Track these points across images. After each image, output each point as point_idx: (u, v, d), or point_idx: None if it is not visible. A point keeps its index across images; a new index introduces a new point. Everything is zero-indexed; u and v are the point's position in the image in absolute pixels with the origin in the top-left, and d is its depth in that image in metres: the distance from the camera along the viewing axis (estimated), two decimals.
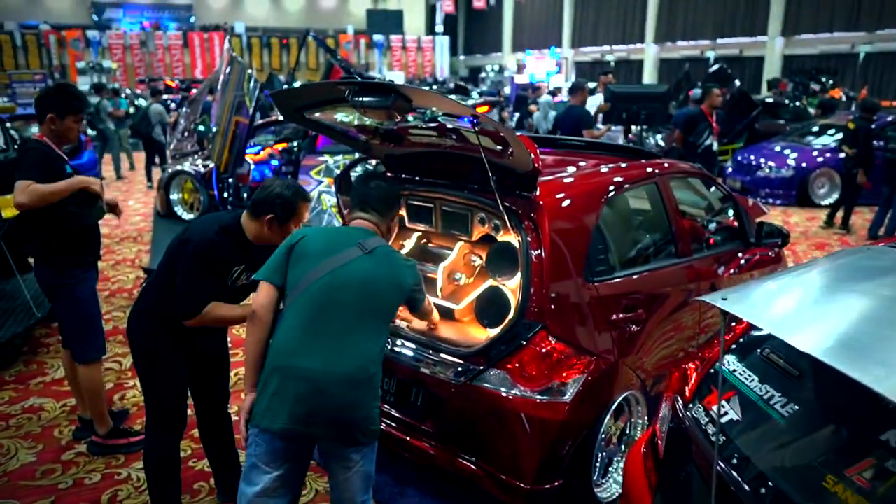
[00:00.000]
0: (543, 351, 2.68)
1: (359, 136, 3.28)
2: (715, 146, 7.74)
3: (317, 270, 2.21)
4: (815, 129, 11.40)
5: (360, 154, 3.97)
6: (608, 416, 2.88)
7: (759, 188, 10.50)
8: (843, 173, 9.41)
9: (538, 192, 2.83)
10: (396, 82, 2.68)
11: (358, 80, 2.94)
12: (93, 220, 3.32)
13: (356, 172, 6.28)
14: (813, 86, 17.23)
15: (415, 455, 2.96)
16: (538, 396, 2.64)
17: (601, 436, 2.88)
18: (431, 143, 3.06)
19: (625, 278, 3.10)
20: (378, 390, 2.22)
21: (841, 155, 9.78)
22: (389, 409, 2.99)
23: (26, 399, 4.05)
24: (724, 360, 1.77)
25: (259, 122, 8.17)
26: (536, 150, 2.62)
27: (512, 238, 2.91)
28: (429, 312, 2.81)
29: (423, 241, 3.54)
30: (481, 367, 2.72)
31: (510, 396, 2.64)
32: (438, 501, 3.11)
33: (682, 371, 2.16)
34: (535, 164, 2.63)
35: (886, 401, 1.09)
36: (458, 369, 2.78)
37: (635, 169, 3.47)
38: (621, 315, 2.99)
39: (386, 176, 2.58)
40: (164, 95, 15.45)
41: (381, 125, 3.08)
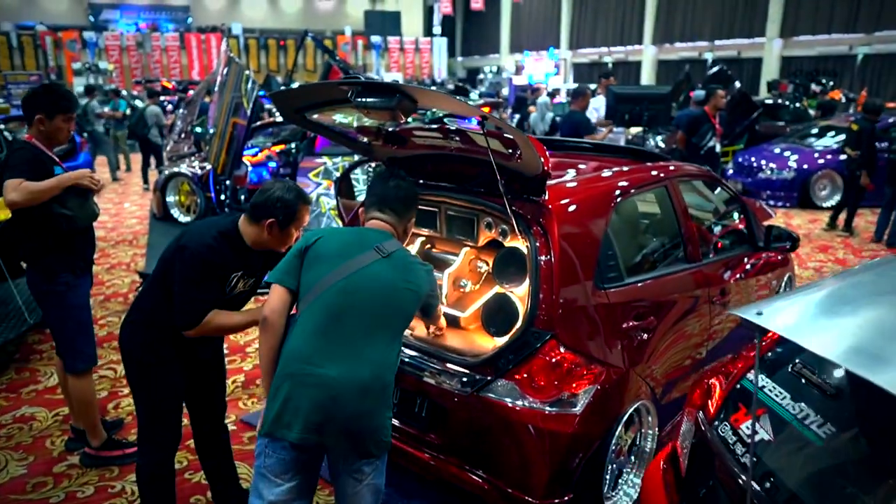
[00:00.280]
0: (553, 361, 2.59)
1: (360, 137, 3.19)
2: (718, 148, 7.67)
3: (333, 275, 2.13)
4: (815, 130, 11.35)
5: (360, 156, 3.87)
6: (619, 428, 2.79)
7: (761, 190, 10.44)
8: (845, 175, 9.35)
9: (547, 196, 2.74)
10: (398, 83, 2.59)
11: (361, 79, 2.83)
12: (84, 221, 3.19)
13: (356, 175, 6.22)
14: (813, 87, 17.19)
15: (419, 467, 2.87)
16: (548, 408, 2.55)
17: (612, 447, 2.79)
18: (436, 145, 2.97)
19: (636, 284, 3.01)
20: (391, 400, 2.14)
21: (842, 157, 9.74)
22: (393, 420, 2.89)
23: (18, 408, 3.94)
24: (758, 379, 1.66)
25: (256, 123, 8.08)
26: (546, 152, 2.53)
27: (520, 243, 2.82)
28: (438, 317, 2.75)
29: (428, 246, 3.44)
30: (489, 378, 2.62)
31: (518, 408, 2.55)
32: None
33: (705, 386, 2.07)
34: (545, 167, 2.54)
35: None
36: (465, 379, 2.69)
37: (645, 172, 3.38)
38: (632, 322, 2.90)
39: (405, 175, 2.47)
40: (161, 97, 15.34)
41: (383, 126, 2.99)
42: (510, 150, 2.58)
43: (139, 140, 11.54)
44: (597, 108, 9.12)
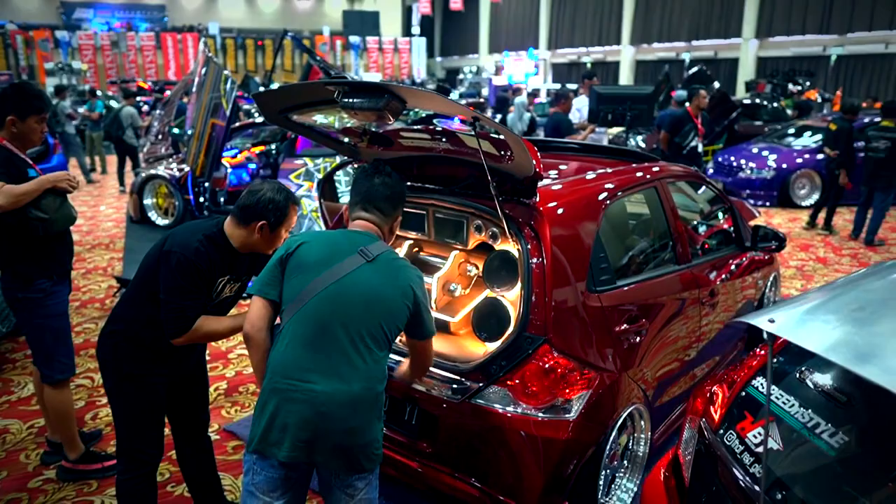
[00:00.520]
0: (546, 366, 2.53)
1: (345, 139, 3.11)
2: (700, 148, 7.71)
3: (316, 283, 2.03)
4: (792, 130, 11.48)
5: (343, 158, 3.79)
6: (614, 433, 2.75)
7: (741, 189, 10.53)
8: (824, 174, 9.47)
9: (538, 198, 2.68)
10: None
11: (348, 79, 2.75)
12: (62, 225, 3.05)
13: (339, 178, 6.13)
14: (791, 87, 17.42)
15: (409, 476, 2.80)
16: (541, 414, 2.50)
17: (606, 453, 2.74)
18: (423, 146, 2.91)
19: (628, 287, 2.97)
20: (381, 411, 2.07)
21: (819, 156, 9.85)
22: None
23: None
24: (770, 388, 1.61)
25: (236, 124, 7.95)
26: (538, 153, 2.47)
27: (510, 247, 2.77)
28: (426, 359, 2.33)
29: (416, 249, 3.37)
30: (481, 384, 2.57)
31: (511, 415, 2.50)
32: None
33: (707, 393, 2.02)
34: (537, 169, 2.48)
35: None
36: (455, 386, 2.63)
37: (635, 172, 3.35)
38: (625, 325, 2.86)
39: (391, 171, 2.35)
40: (137, 97, 15.06)
41: (369, 127, 2.92)
42: (501, 152, 2.52)
43: (114, 142, 11.32)
44: (579, 108, 9.13)
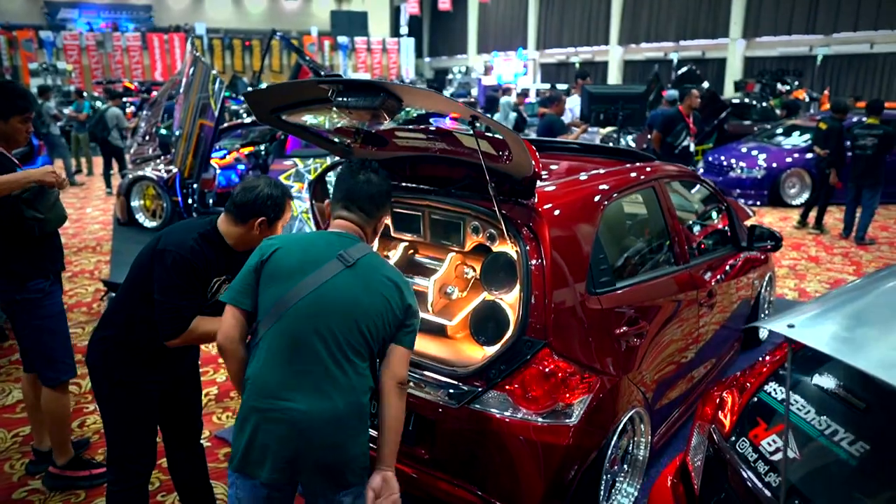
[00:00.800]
0: (547, 370, 2.48)
1: (338, 139, 3.05)
2: (692, 147, 7.71)
3: (292, 294, 1.91)
4: (781, 130, 11.53)
5: (334, 158, 3.72)
6: (615, 437, 2.70)
7: (732, 188, 10.55)
8: (814, 173, 9.49)
9: (536, 199, 2.63)
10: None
11: (343, 77, 2.68)
12: (55, 224, 3.03)
13: (331, 178, 6.06)
14: (780, 87, 17.52)
15: (406, 483, 2.73)
16: (542, 420, 2.44)
17: (608, 458, 2.70)
18: (419, 146, 2.85)
19: (628, 288, 2.93)
20: (368, 422, 1.98)
21: (808, 155, 9.88)
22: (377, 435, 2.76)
23: None
24: (789, 394, 1.55)
25: (224, 125, 7.85)
26: (536, 153, 2.42)
27: (509, 248, 2.71)
28: (401, 370, 2.02)
29: (411, 251, 3.31)
30: (479, 389, 2.51)
31: (511, 420, 2.44)
32: None
33: (716, 399, 1.97)
34: (536, 169, 2.43)
35: None
36: (452, 391, 2.57)
37: (634, 172, 3.31)
38: (625, 328, 2.82)
39: (378, 168, 2.20)
40: (124, 98, 14.89)
41: (362, 127, 2.86)
42: (499, 152, 2.47)
43: (99, 143, 11.18)
44: (571, 108, 9.11)
